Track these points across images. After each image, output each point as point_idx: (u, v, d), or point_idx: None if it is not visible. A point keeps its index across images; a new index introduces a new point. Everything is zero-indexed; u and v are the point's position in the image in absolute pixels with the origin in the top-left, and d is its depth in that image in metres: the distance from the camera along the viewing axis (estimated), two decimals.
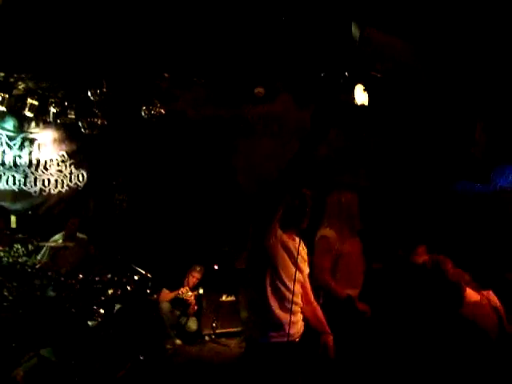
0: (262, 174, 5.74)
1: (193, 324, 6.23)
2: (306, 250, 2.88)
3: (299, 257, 2.70)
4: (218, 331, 6.34)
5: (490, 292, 3.51)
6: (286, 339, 2.55)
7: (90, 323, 5.20)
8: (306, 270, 2.83)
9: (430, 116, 4.78)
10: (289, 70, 4.79)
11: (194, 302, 6.20)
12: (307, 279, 2.86)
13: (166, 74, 4.86)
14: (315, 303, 2.91)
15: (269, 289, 2.58)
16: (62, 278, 5.18)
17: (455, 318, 3.29)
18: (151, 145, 6.69)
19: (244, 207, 6.29)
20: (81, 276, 5.22)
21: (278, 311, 2.56)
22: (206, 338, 6.30)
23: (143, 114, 5.65)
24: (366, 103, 4.39)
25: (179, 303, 6.13)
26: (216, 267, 6.58)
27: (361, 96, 4.39)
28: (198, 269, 6.31)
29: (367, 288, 3.80)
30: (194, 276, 6.28)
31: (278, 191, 2.52)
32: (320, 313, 2.88)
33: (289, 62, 4.89)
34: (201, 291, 6.28)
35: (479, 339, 3.21)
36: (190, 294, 6.16)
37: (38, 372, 4.60)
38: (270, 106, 5.62)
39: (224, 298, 6.53)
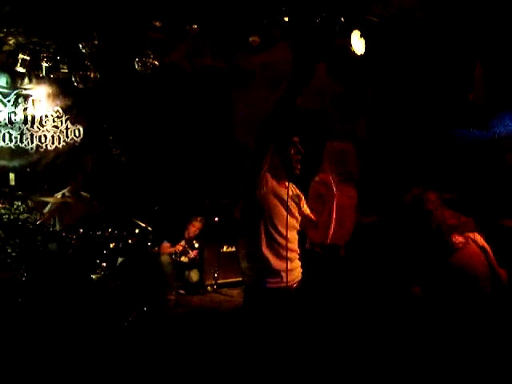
0: (259, 123, 5.68)
1: (194, 275, 6.35)
2: (300, 194, 2.89)
3: (293, 203, 2.73)
4: (219, 281, 6.49)
5: (476, 233, 3.50)
6: (284, 285, 2.59)
7: (93, 276, 5.34)
8: (300, 216, 2.84)
9: (428, 62, 4.67)
10: (284, 16, 4.64)
11: (194, 252, 6.29)
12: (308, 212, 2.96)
13: (157, 23, 4.70)
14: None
15: (263, 238, 2.60)
16: (64, 234, 5.26)
17: (444, 267, 3.29)
18: (147, 97, 6.59)
19: (242, 158, 6.28)
20: (81, 231, 5.30)
21: (273, 260, 2.60)
22: (209, 288, 6.45)
23: (137, 66, 5.53)
24: (363, 50, 4.27)
25: (180, 255, 6.22)
26: (216, 219, 6.64)
27: (357, 43, 4.27)
28: (198, 219, 6.35)
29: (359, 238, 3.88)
30: (195, 225, 6.32)
31: (263, 140, 2.51)
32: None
33: (284, 9, 4.75)
34: (196, 245, 6.35)
35: (469, 286, 3.22)
36: (188, 245, 6.26)
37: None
38: (266, 54, 5.49)
39: (225, 248, 6.63)
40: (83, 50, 5.25)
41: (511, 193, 4.37)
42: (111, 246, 5.44)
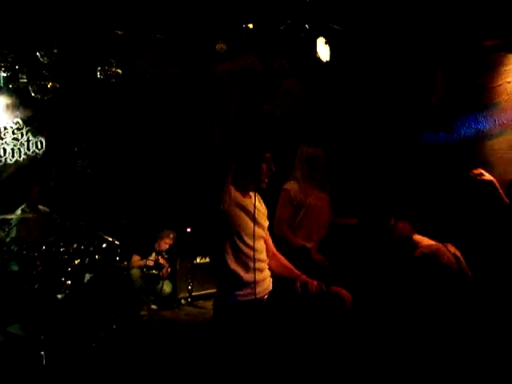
0: (229, 130, 5.60)
1: (167, 287, 6.19)
2: (263, 204, 2.85)
3: (258, 212, 2.67)
4: (194, 294, 6.34)
5: (450, 244, 3.51)
6: (253, 297, 2.56)
7: (58, 296, 5.12)
8: (266, 224, 2.79)
9: (390, 67, 4.71)
10: (249, 24, 4.57)
11: (166, 264, 6.14)
12: (268, 232, 2.85)
13: (118, 32, 4.55)
14: (278, 254, 2.91)
15: (230, 252, 2.56)
16: (24, 252, 5.03)
17: (411, 261, 3.29)
18: (114, 106, 6.41)
19: (216, 166, 6.17)
20: (44, 248, 5.08)
21: (242, 272, 2.55)
22: (182, 301, 6.30)
23: (99, 74, 5.35)
24: (328, 57, 4.27)
25: (151, 268, 6.05)
26: (189, 230, 6.49)
27: (323, 49, 4.26)
28: (170, 236, 6.21)
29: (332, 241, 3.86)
30: (166, 242, 6.19)
31: (227, 153, 2.45)
32: (285, 261, 2.89)
33: (250, 16, 4.68)
34: (165, 256, 6.20)
35: (439, 275, 3.21)
36: (160, 258, 6.10)
37: (5, 349, 4.53)
38: (233, 62, 5.42)
39: (198, 259, 6.49)
40: (42, 60, 5.03)
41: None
42: (76, 262, 5.22)
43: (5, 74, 5.89)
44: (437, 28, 4.30)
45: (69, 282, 5.13)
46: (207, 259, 6.47)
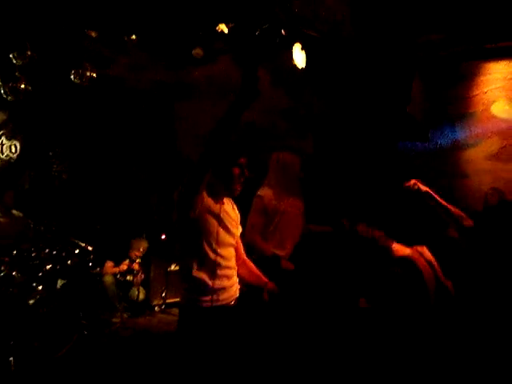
0: (202, 135, 5.57)
1: (141, 294, 6.12)
2: (236, 211, 2.79)
3: (229, 219, 2.62)
4: (167, 301, 6.26)
5: (424, 247, 3.53)
6: (217, 304, 2.52)
7: (30, 301, 5.03)
8: (237, 231, 2.75)
9: (366, 75, 4.73)
10: (224, 29, 4.57)
11: (139, 270, 6.06)
12: (239, 240, 2.81)
13: (92, 33, 4.51)
14: (248, 261, 2.89)
15: (196, 258, 2.51)
16: None
17: (387, 274, 3.30)
18: (89, 111, 6.36)
19: (186, 171, 6.14)
20: (15, 252, 4.99)
21: (207, 279, 2.50)
22: (156, 308, 6.21)
23: (73, 78, 5.29)
24: (304, 64, 4.28)
25: (125, 274, 5.97)
26: (163, 237, 6.44)
27: (299, 56, 4.28)
28: (140, 248, 6.16)
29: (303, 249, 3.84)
30: (137, 254, 6.13)
31: (204, 159, 2.39)
32: (255, 268, 2.89)
33: (226, 21, 4.68)
34: (138, 261, 6.13)
35: (415, 290, 3.23)
36: (133, 264, 6.03)
37: None
38: (209, 67, 5.41)
39: (173, 267, 6.42)
40: (14, 61, 4.97)
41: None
42: (48, 267, 5.13)
43: None
44: (413, 36, 4.34)
45: (40, 287, 5.06)
46: None
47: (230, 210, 2.67)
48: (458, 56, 4.68)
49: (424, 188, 3.56)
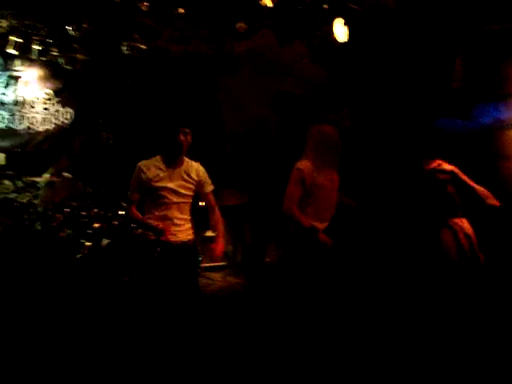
0: (245, 108, 5.76)
1: None
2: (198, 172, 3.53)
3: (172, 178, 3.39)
4: (202, 265, 6.57)
5: (464, 219, 3.57)
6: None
7: (77, 255, 5.43)
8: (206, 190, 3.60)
9: (408, 50, 4.69)
10: (271, 3, 4.67)
11: None
12: (211, 198, 3.66)
13: (143, 7, 4.75)
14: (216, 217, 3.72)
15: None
16: (50, 212, 5.36)
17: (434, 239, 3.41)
18: (135, 81, 6.65)
19: (228, 144, 6.37)
20: (67, 210, 5.39)
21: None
22: None
23: (124, 49, 5.59)
24: (346, 38, 4.31)
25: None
26: (201, 203, 6.69)
27: (341, 30, 4.30)
28: None
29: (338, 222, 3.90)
30: None
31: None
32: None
33: None
34: None
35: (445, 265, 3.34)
36: None
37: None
38: (252, 41, 5.53)
39: (208, 233, 6.69)
40: (71, 33, 5.32)
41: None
42: (95, 225, 5.51)
43: (38, 48, 6.15)
44: (458, 10, 4.26)
45: (87, 243, 5.45)
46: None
47: (189, 170, 3.48)
48: (509, 32, 4.47)
49: (449, 167, 3.61)
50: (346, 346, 3.63)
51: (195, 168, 3.54)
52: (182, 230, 3.50)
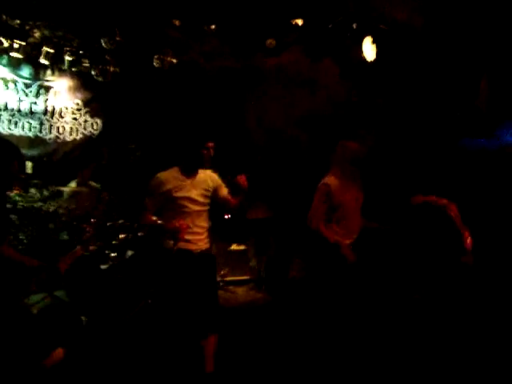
0: (272, 124, 5.78)
1: None
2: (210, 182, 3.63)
3: (191, 188, 3.51)
4: (226, 279, 6.57)
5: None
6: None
7: (102, 266, 5.46)
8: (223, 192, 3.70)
9: (435, 69, 4.71)
10: (298, 21, 4.74)
11: None
12: (229, 196, 3.70)
13: (176, 22, 4.84)
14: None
15: None
16: (75, 222, 5.40)
17: (455, 265, 3.36)
18: (164, 94, 6.71)
19: (254, 157, 6.38)
20: (92, 220, 5.44)
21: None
22: None
23: (155, 62, 5.68)
24: (374, 56, 4.36)
25: None
26: (227, 217, 6.72)
27: (369, 49, 4.36)
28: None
29: (363, 239, 3.90)
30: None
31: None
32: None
33: (299, 14, 4.85)
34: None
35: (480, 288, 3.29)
36: None
37: (51, 311, 4.88)
38: (281, 57, 5.59)
39: (233, 247, 6.72)
40: (104, 46, 5.41)
41: None
42: (121, 236, 5.54)
43: (70, 58, 6.26)
44: (484, 31, 4.28)
45: (113, 254, 5.48)
46: (242, 247, 6.69)
47: (198, 181, 3.60)
48: None
49: (441, 202, 3.62)
50: (369, 362, 3.61)
51: (209, 175, 3.69)
52: (202, 239, 3.60)
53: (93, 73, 6.05)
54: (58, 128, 6.67)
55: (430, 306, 3.53)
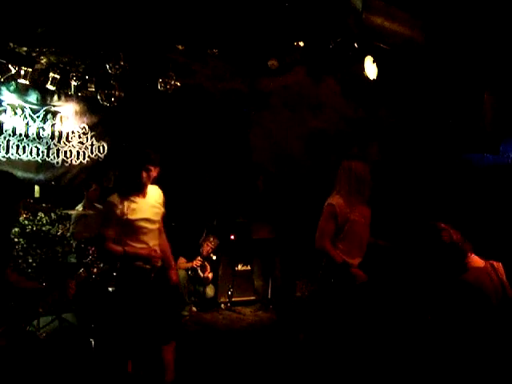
0: (276, 145, 5.82)
1: (210, 290, 6.41)
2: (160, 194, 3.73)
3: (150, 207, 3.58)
4: (233, 299, 6.55)
5: (500, 264, 3.49)
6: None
7: (109, 289, 5.46)
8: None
9: (438, 86, 4.74)
10: (300, 42, 4.80)
11: (209, 267, 6.37)
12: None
13: (179, 47, 4.93)
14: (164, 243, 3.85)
15: None
16: (83, 245, 5.43)
17: (458, 283, 3.31)
18: (168, 117, 6.79)
19: (261, 177, 6.41)
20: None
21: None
22: (222, 305, 6.49)
23: (159, 86, 5.76)
24: (376, 75, 4.39)
25: (196, 270, 6.28)
26: (232, 237, 6.72)
27: (370, 68, 4.39)
28: (211, 239, 6.45)
29: (370, 259, 3.87)
30: (208, 245, 6.42)
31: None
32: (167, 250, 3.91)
33: (300, 35, 4.91)
34: (213, 257, 6.45)
35: (482, 305, 3.24)
36: (205, 262, 6.34)
37: (59, 334, 4.88)
38: (284, 78, 5.65)
39: (240, 267, 6.71)
40: (110, 71, 5.50)
41: None
42: None
43: (75, 83, 6.40)
44: (484, 49, 4.31)
45: None
46: (248, 267, 6.68)
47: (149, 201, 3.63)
48: None
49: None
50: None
51: (156, 191, 3.74)
52: (159, 256, 3.68)
53: (98, 97, 6.15)
54: (65, 152, 6.78)
55: (443, 326, 3.46)
